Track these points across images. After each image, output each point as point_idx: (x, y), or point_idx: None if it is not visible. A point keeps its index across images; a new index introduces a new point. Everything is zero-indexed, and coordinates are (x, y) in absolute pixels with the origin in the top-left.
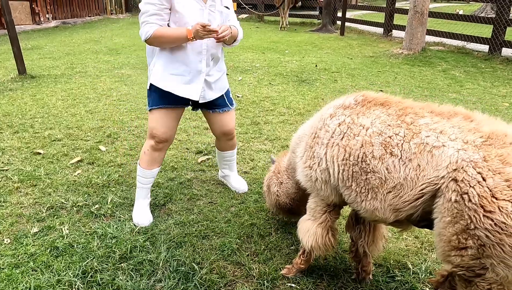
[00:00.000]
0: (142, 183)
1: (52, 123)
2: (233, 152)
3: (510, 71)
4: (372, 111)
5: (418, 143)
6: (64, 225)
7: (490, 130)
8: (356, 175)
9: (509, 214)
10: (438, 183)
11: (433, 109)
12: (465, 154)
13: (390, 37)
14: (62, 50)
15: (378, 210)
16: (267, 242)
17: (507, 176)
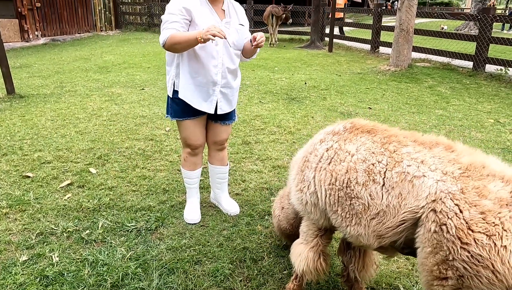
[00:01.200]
0: (189, 183)
1: (42, 145)
2: (225, 168)
3: (494, 87)
4: (359, 138)
5: (399, 172)
6: (54, 252)
7: (469, 161)
8: (341, 200)
9: (484, 246)
10: (418, 212)
11: (417, 138)
12: (444, 185)
13: (377, 54)
14: (52, 68)
15: (362, 236)
16: (259, 267)
17: (482, 208)
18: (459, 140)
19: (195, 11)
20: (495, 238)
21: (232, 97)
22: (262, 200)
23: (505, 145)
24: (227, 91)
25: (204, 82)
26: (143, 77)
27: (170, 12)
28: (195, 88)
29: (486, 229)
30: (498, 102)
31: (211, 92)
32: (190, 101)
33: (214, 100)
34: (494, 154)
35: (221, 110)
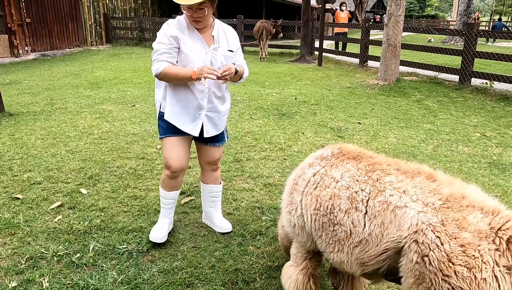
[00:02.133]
0: (164, 203)
1: (32, 165)
2: (219, 187)
3: (479, 100)
4: (345, 164)
5: (382, 201)
6: (44, 278)
7: (449, 192)
8: (325, 226)
9: (465, 279)
10: (401, 241)
11: (400, 167)
12: (425, 216)
13: (366, 68)
14: (42, 84)
15: (345, 263)
16: (252, 289)
17: (462, 241)
18: (447, 155)
19: (182, 39)
20: (475, 271)
21: (219, 120)
22: (253, 219)
23: (491, 159)
24: (213, 115)
25: (190, 105)
26: (134, 93)
27: (160, 41)
28: (180, 111)
29: (466, 262)
30: (484, 115)
31: (196, 116)
32: (175, 123)
33: (200, 123)
34: (481, 168)
35: (208, 133)
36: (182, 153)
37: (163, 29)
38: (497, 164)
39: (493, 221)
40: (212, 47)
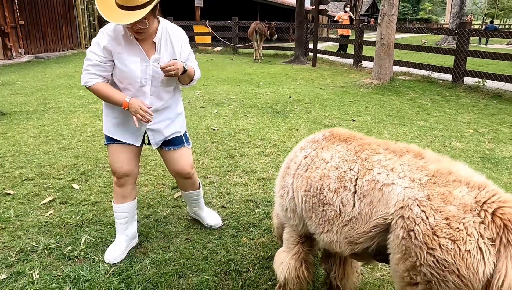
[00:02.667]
0: (116, 217)
1: (23, 162)
2: (198, 191)
3: (472, 99)
4: (335, 146)
5: (370, 179)
6: (35, 270)
7: (436, 168)
8: (315, 207)
9: (449, 251)
10: (388, 218)
11: (389, 146)
12: (411, 192)
13: (360, 68)
14: (35, 85)
15: (334, 243)
16: (244, 279)
17: (447, 214)
18: (440, 150)
19: (117, 53)
20: (459, 243)
21: (167, 127)
22: (247, 212)
23: (484, 154)
24: (157, 126)
25: (129, 121)
26: None
27: (92, 51)
28: (119, 124)
29: (450, 235)
30: (477, 112)
31: (136, 130)
32: (114, 135)
33: (140, 135)
34: (474, 162)
35: (155, 140)
36: (126, 159)
37: (97, 37)
38: (490, 158)
39: (479, 195)
40: (153, 59)
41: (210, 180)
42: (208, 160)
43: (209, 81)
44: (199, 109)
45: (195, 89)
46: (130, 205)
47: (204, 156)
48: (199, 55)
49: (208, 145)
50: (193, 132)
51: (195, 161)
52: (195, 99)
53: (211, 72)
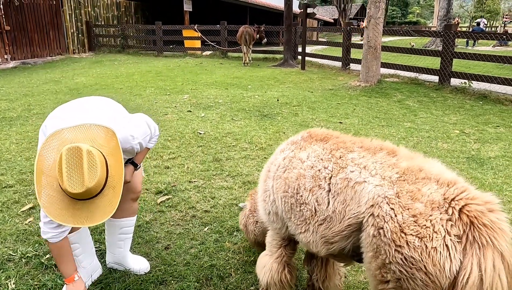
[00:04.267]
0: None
1: (4, 169)
2: (133, 219)
3: (459, 100)
4: (312, 146)
5: (343, 177)
6: (11, 279)
7: (407, 165)
8: (293, 207)
9: (416, 248)
10: (360, 217)
11: (363, 144)
12: (381, 190)
13: (348, 70)
14: (20, 91)
15: (311, 243)
16: (226, 284)
17: (414, 211)
18: (426, 151)
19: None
20: (426, 240)
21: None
22: (231, 216)
23: (470, 154)
24: None
25: None
26: (115, 98)
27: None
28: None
29: (417, 232)
30: (463, 113)
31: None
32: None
33: None
34: (460, 163)
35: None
36: None
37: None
38: (475, 158)
39: (447, 192)
40: None
41: (195, 184)
42: (194, 164)
43: (197, 85)
44: (186, 113)
45: (182, 93)
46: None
47: (189, 160)
48: (188, 59)
49: (194, 149)
50: (179, 136)
51: (180, 165)
52: (182, 103)
53: (200, 76)
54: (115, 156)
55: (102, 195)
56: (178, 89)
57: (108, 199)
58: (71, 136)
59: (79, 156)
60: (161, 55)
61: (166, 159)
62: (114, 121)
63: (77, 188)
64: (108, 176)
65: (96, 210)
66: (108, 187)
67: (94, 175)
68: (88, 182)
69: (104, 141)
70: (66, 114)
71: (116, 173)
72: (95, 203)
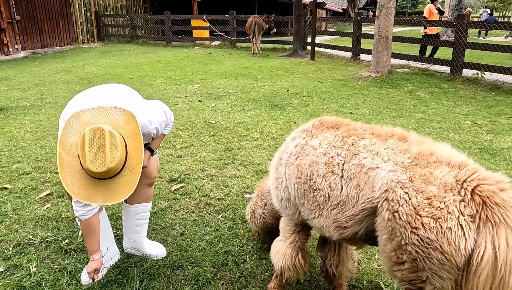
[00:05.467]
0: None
1: (20, 156)
2: (149, 205)
3: (471, 91)
4: (323, 133)
5: (356, 164)
6: (32, 263)
7: (418, 150)
8: (307, 193)
9: (432, 229)
10: (374, 202)
11: (374, 131)
12: (394, 175)
13: (358, 61)
14: (32, 80)
15: (324, 227)
16: (242, 269)
17: (428, 194)
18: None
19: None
20: (441, 221)
21: None
22: (244, 204)
23: (482, 145)
24: None
25: None
26: None
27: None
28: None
29: (432, 213)
30: (475, 104)
31: None
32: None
33: None
34: (472, 154)
35: None
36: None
37: None
38: (488, 149)
39: (459, 174)
40: None
41: (207, 172)
42: (206, 153)
43: (206, 75)
44: (196, 103)
45: (192, 83)
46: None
47: (201, 149)
48: (197, 49)
49: (205, 139)
50: (191, 126)
51: (192, 154)
52: (192, 93)
53: (209, 66)
54: (134, 138)
55: (121, 176)
56: (187, 79)
57: (127, 180)
58: (92, 118)
59: (101, 136)
60: (170, 45)
61: (179, 148)
62: (132, 105)
63: (99, 167)
64: (127, 157)
65: (115, 189)
66: (127, 168)
67: (115, 156)
68: (110, 162)
69: (124, 123)
70: (85, 99)
71: (135, 155)
72: (114, 183)
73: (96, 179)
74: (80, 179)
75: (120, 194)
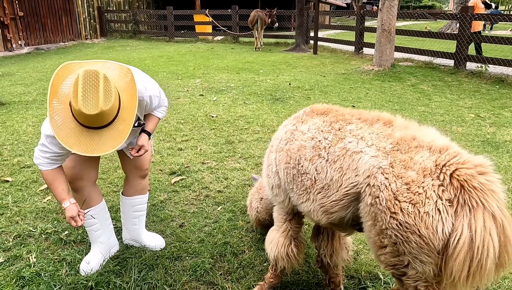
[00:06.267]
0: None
1: (22, 150)
2: (145, 197)
3: (474, 84)
4: (313, 119)
5: (341, 147)
6: (32, 254)
7: (400, 135)
8: (295, 177)
9: (410, 214)
10: (358, 187)
11: (361, 116)
12: (376, 160)
13: (361, 55)
14: (35, 76)
15: (312, 212)
16: (240, 260)
17: (406, 179)
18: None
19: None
20: (419, 206)
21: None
22: (244, 196)
23: (485, 138)
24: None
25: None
26: None
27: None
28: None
29: (410, 199)
30: (479, 97)
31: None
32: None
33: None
34: (475, 146)
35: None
36: (76, 161)
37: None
38: (491, 142)
39: (439, 158)
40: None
41: (208, 165)
42: (206, 146)
43: (209, 69)
44: (198, 97)
45: (194, 77)
46: (99, 207)
47: (202, 142)
48: (199, 44)
49: (206, 132)
50: (192, 119)
51: (193, 147)
52: (194, 87)
53: (211, 61)
54: (128, 92)
55: (112, 127)
56: (189, 74)
57: (118, 131)
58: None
59: (95, 78)
60: (172, 40)
61: (179, 141)
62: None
63: (91, 109)
64: (120, 108)
65: (104, 141)
66: (119, 119)
67: (109, 100)
68: (102, 105)
69: (119, 78)
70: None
71: (128, 108)
72: (105, 134)
73: (86, 127)
74: (69, 126)
75: (110, 144)
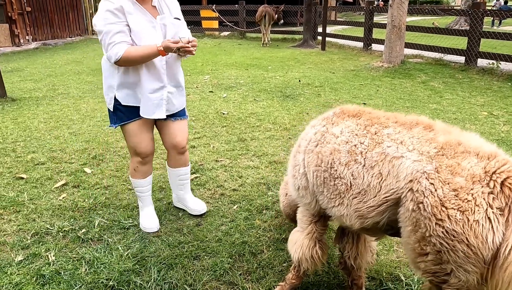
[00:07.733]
0: (142, 192)
1: (35, 147)
2: (187, 169)
3: (486, 81)
4: (344, 121)
5: (379, 152)
6: (50, 252)
7: (445, 140)
8: (327, 181)
9: (458, 222)
10: (399, 192)
11: (398, 119)
12: (420, 165)
13: (370, 51)
14: (43, 71)
15: (345, 216)
16: (259, 260)
17: (454, 185)
18: None
19: (129, 14)
20: (468, 213)
21: (180, 95)
22: (259, 195)
23: (499, 136)
24: (174, 90)
25: (150, 87)
26: None
27: (108, 22)
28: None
29: (459, 205)
30: (491, 95)
31: (158, 96)
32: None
33: (163, 103)
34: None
35: (169, 111)
36: (148, 138)
37: (105, 5)
38: (506, 141)
39: (488, 165)
40: (159, 18)
41: (221, 163)
42: (219, 143)
43: (217, 66)
44: (208, 94)
45: (203, 74)
46: (151, 177)
47: (214, 140)
48: (206, 40)
49: (218, 129)
50: (203, 116)
51: (205, 145)
52: (203, 84)
53: (219, 57)
54: None
55: None
56: (198, 70)
57: None
58: None
59: None
60: None
61: (192, 139)
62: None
63: None
64: None
65: None
66: None
67: None
68: None
69: None
70: None
71: None
72: None
73: None
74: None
75: None
